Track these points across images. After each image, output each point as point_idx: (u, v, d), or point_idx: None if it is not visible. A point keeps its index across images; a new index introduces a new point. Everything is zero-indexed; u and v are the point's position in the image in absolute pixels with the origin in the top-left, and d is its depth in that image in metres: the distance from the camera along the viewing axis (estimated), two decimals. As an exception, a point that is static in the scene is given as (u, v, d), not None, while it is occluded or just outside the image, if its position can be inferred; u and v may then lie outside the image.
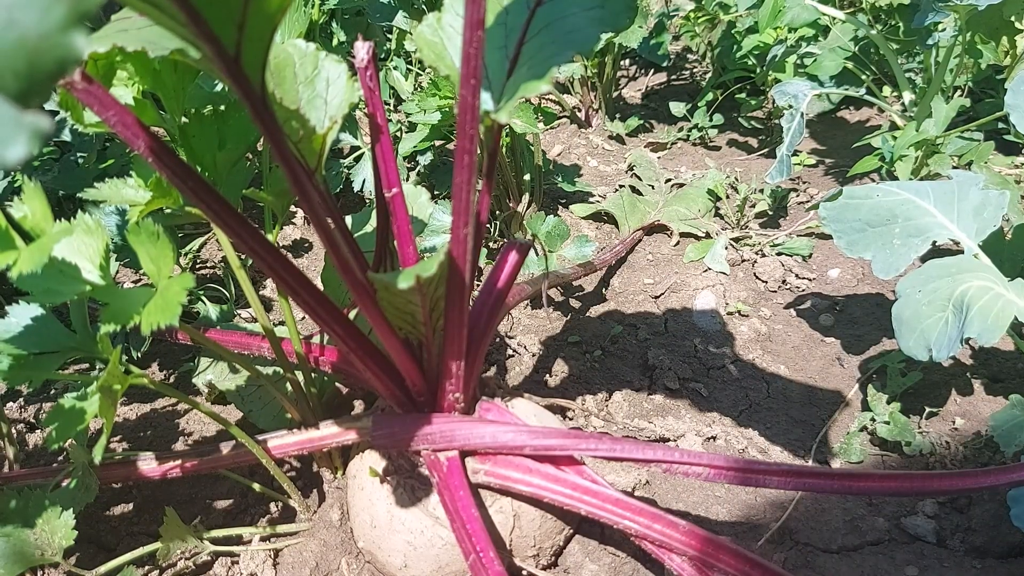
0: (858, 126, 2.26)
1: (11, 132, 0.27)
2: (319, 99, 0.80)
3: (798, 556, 1.01)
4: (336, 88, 0.80)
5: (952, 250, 1.20)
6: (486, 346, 0.97)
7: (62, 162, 1.57)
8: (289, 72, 0.80)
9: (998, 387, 1.26)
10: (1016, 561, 0.98)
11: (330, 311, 0.78)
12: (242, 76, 0.55)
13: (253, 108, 0.58)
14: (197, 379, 1.25)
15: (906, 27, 1.86)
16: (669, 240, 1.77)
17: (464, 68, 0.62)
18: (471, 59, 0.61)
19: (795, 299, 1.56)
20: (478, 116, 0.65)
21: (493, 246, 1.72)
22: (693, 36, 2.47)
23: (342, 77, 0.81)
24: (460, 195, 0.69)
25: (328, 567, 1.01)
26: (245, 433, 0.93)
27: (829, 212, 1.23)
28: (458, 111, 0.65)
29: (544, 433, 0.88)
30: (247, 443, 0.93)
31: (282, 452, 0.98)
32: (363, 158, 1.70)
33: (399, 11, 1.80)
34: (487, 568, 0.77)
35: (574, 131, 2.34)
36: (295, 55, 0.81)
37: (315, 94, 0.80)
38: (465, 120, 0.65)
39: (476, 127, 0.66)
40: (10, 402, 1.35)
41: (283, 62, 0.80)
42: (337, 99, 0.80)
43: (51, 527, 0.86)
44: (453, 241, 0.73)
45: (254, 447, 0.93)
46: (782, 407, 1.29)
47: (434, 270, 0.64)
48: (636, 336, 1.47)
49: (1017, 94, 1.25)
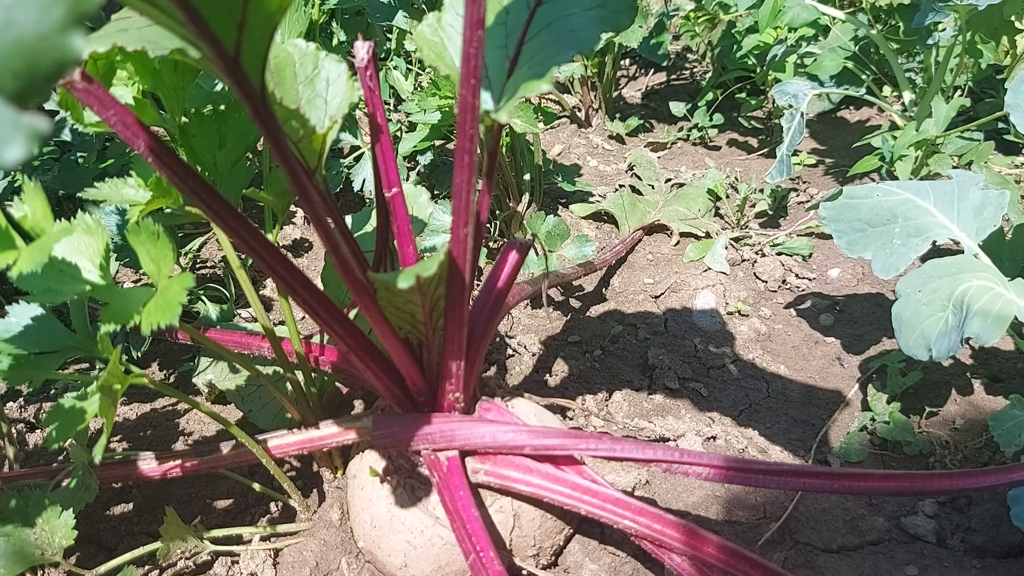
0: (858, 126, 2.26)
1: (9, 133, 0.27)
2: (319, 99, 0.80)
3: (798, 556, 1.01)
4: (336, 88, 0.80)
5: (952, 250, 1.20)
6: (486, 346, 0.97)
7: (62, 162, 1.57)
8: (289, 72, 0.80)
9: (998, 387, 1.26)
10: (1016, 561, 0.98)
11: (330, 311, 0.78)
12: (242, 76, 0.55)
13: (253, 107, 0.58)
14: (197, 379, 1.25)
15: (906, 27, 1.86)
16: (669, 240, 1.77)
17: (464, 67, 0.62)
18: (471, 59, 0.61)
19: (795, 299, 1.56)
20: (478, 116, 0.65)
21: (493, 246, 1.72)
22: (693, 36, 2.47)
23: (342, 77, 0.81)
24: (460, 195, 0.69)
25: (328, 567, 1.01)
26: (245, 433, 0.93)
27: (829, 212, 1.23)
28: (458, 111, 0.65)
29: (544, 433, 0.88)
30: (247, 443, 0.93)
31: (282, 452, 0.98)
32: (363, 158, 1.70)
33: (399, 11, 1.80)
34: (487, 568, 0.77)
35: (574, 131, 2.34)
36: (295, 55, 0.81)
37: (315, 94, 0.80)
38: (465, 120, 0.65)
39: (476, 127, 0.66)
40: (10, 402, 1.35)
41: (283, 62, 0.80)
42: (337, 99, 0.80)
43: (51, 527, 0.86)
44: (453, 241, 0.73)
45: (254, 447, 0.93)
46: (782, 407, 1.28)
47: (434, 270, 0.64)
48: (636, 336, 1.47)
49: (1017, 94, 1.25)
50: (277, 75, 0.78)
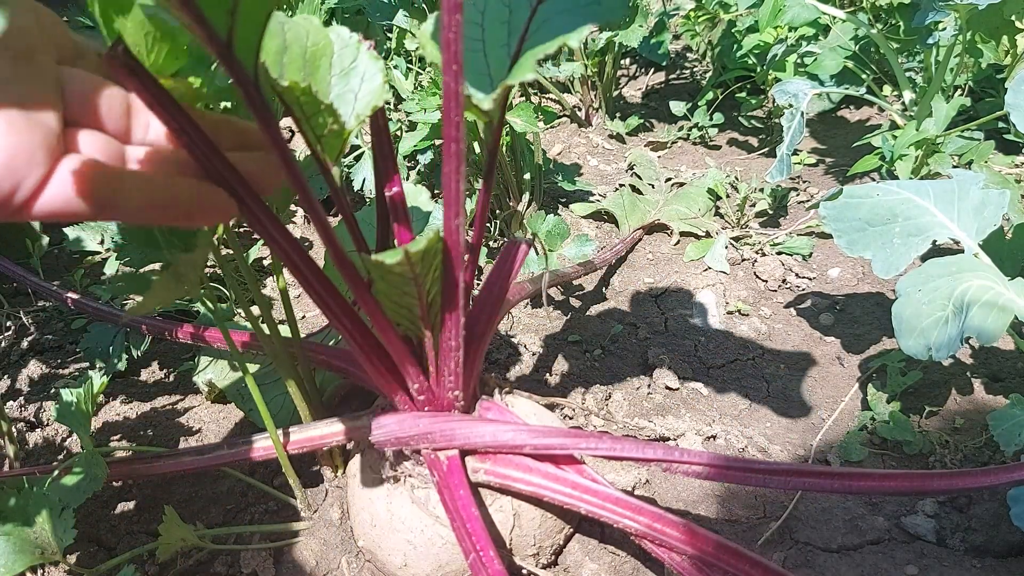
0: (858, 125, 2.26)
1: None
2: (350, 94, 0.76)
3: (798, 555, 1.01)
4: (369, 86, 0.76)
5: (952, 249, 1.20)
6: (486, 344, 0.97)
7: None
8: (325, 62, 0.74)
9: (998, 387, 1.26)
10: (1016, 561, 0.98)
11: (340, 304, 0.78)
12: (235, 61, 0.55)
13: (246, 94, 0.57)
14: (197, 378, 1.25)
15: (906, 26, 1.86)
16: (669, 239, 1.77)
17: (445, 54, 0.60)
18: (451, 44, 0.59)
19: (795, 298, 1.56)
20: (462, 103, 0.64)
21: (493, 245, 1.72)
22: (693, 35, 2.47)
23: (378, 76, 0.76)
24: (450, 184, 0.68)
25: (328, 566, 1.01)
26: (245, 432, 0.93)
27: (829, 211, 1.23)
28: (442, 99, 0.64)
29: (544, 432, 0.88)
30: (272, 437, 0.92)
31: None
32: (363, 157, 1.70)
33: (400, 10, 1.80)
34: (487, 567, 0.77)
35: (574, 130, 2.34)
36: (336, 43, 0.76)
37: (348, 88, 0.76)
38: (450, 108, 0.64)
39: (461, 114, 0.65)
40: (10, 401, 1.35)
41: (320, 50, 0.74)
42: (367, 97, 0.76)
43: (51, 525, 0.86)
44: (446, 232, 0.72)
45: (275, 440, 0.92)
46: (782, 407, 1.28)
47: (423, 245, 0.63)
48: (636, 335, 1.47)
49: (1017, 93, 1.25)
50: (311, 64, 0.73)
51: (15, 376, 1.42)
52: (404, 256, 0.63)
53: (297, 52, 0.71)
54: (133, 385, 1.39)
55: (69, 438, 1.27)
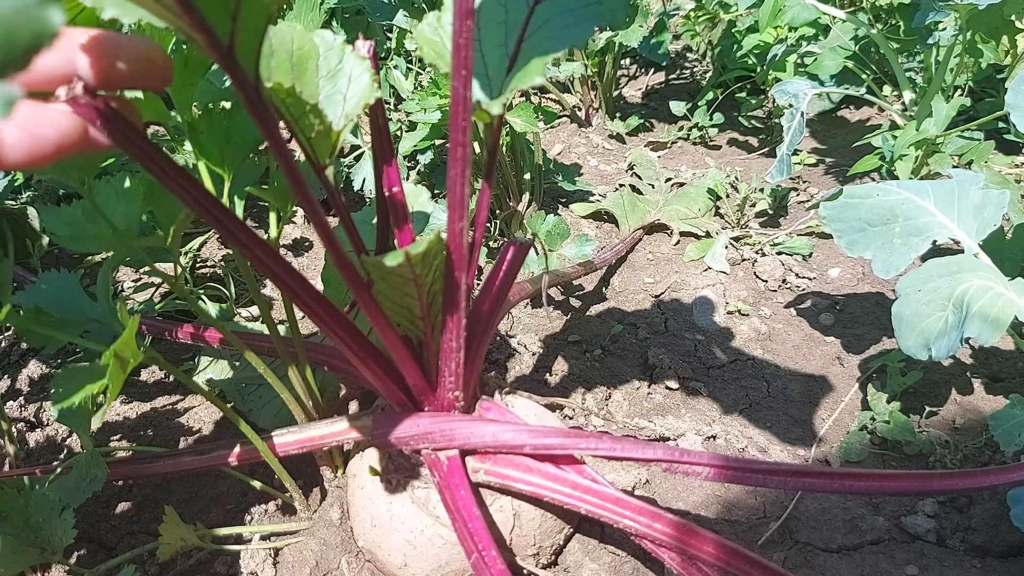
0: (858, 125, 2.26)
1: (-12, 101, 0.28)
2: (338, 95, 0.77)
3: (798, 555, 1.01)
4: (357, 86, 0.77)
5: (952, 249, 1.20)
6: (486, 344, 0.97)
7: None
8: (312, 64, 0.76)
9: (998, 387, 1.26)
10: (1016, 561, 0.98)
11: (330, 312, 0.78)
12: (236, 66, 0.55)
13: (248, 99, 0.57)
14: (197, 378, 1.25)
15: (906, 26, 1.86)
16: (669, 239, 1.77)
17: (455, 58, 0.61)
18: (461, 49, 0.60)
19: (795, 298, 1.56)
20: (470, 107, 0.65)
21: (493, 245, 1.72)
22: (693, 35, 2.47)
23: (365, 75, 0.78)
24: (455, 188, 0.69)
25: (328, 566, 1.01)
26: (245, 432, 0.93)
27: (829, 211, 1.23)
28: (450, 103, 0.65)
29: (544, 432, 0.88)
30: (254, 440, 0.93)
31: (282, 450, 0.98)
32: (363, 157, 1.70)
33: (399, 10, 1.80)
34: (490, 567, 0.77)
35: (574, 130, 2.34)
36: (321, 46, 0.77)
37: (335, 90, 0.77)
38: (457, 112, 0.64)
39: (468, 118, 0.65)
40: (10, 401, 1.35)
41: (307, 53, 0.76)
42: (356, 97, 0.77)
43: (51, 525, 0.86)
44: (449, 234, 0.72)
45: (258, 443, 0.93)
46: (782, 406, 1.29)
47: (423, 247, 0.64)
48: (636, 335, 1.47)
49: (1017, 93, 1.25)
50: (298, 67, 0.75)
51: (15, 376, 1.42)
52: (405, 258, 0.63)
53: (283, 56, 0.72)
54: (133, 385, 1.39)
55: (69, 438, 1.27)
